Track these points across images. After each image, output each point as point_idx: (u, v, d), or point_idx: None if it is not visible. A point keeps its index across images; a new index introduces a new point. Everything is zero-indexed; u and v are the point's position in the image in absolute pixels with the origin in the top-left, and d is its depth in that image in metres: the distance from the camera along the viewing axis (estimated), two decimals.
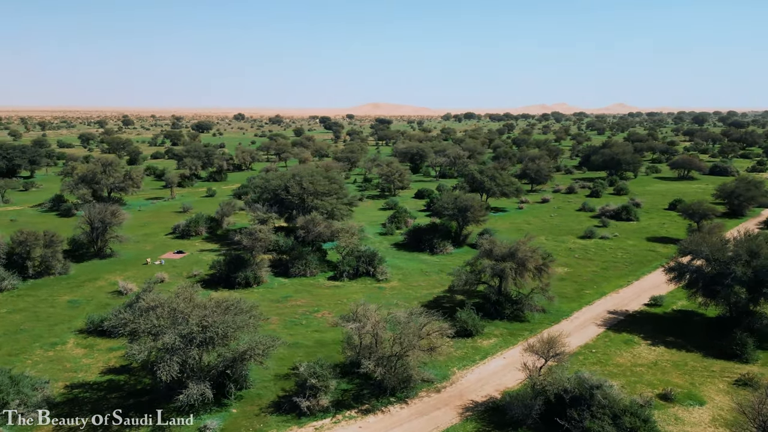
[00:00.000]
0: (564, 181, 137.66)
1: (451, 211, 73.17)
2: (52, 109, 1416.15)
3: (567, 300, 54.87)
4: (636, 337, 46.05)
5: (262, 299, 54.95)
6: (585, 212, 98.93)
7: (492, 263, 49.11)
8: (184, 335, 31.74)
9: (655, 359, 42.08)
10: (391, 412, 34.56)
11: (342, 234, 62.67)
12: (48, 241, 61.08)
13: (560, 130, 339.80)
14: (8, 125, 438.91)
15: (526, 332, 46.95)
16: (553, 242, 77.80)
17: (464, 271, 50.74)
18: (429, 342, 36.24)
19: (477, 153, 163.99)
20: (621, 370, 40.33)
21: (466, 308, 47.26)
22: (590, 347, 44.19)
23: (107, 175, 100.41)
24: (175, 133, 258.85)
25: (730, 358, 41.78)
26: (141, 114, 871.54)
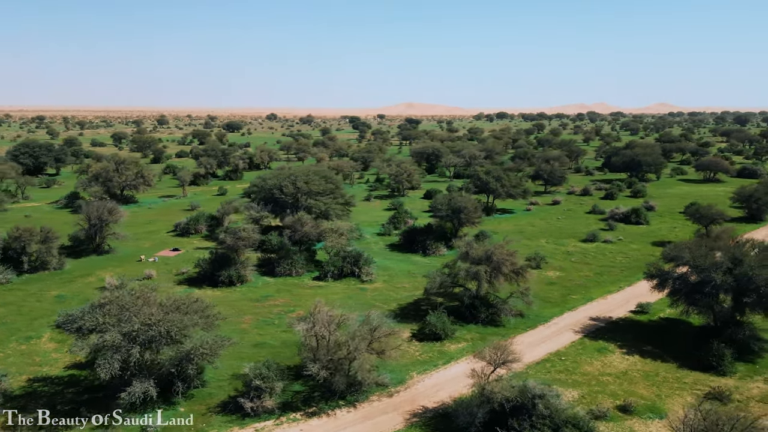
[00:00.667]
0: (582, 182, 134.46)
1: (444, 212, 72.25)
2: (96, 109, 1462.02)
3: (550, 305, 53.45)
4: (612, 345, 44.46)
5: (242, 298, 55.34)
6: (595, 215, 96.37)
7: (467, 266, 48.18)
8: (126, 333, 32.02)
9: (625, 369, 40.53)
10: (337, 415, 34.19)
11: (329, 234, 62.50)
12: (44, 237, 62.84)
13: (590, 130, 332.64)
14: (50, 124, 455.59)
15: (498, 337, 45.60)
16: (553, 245, 76.03)
17: (439, 273, 49.90)
18: (380, 345, 35.67)
19: (495, 153, 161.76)
20: (586, 379, 38.98)
21: (437, 311, 46.48)
22: (561, 354, 42.85)
23: (119, 174, 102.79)
24: (203, 132, 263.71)
25: (707, 370, 39.95)
26: (179, 114, 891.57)
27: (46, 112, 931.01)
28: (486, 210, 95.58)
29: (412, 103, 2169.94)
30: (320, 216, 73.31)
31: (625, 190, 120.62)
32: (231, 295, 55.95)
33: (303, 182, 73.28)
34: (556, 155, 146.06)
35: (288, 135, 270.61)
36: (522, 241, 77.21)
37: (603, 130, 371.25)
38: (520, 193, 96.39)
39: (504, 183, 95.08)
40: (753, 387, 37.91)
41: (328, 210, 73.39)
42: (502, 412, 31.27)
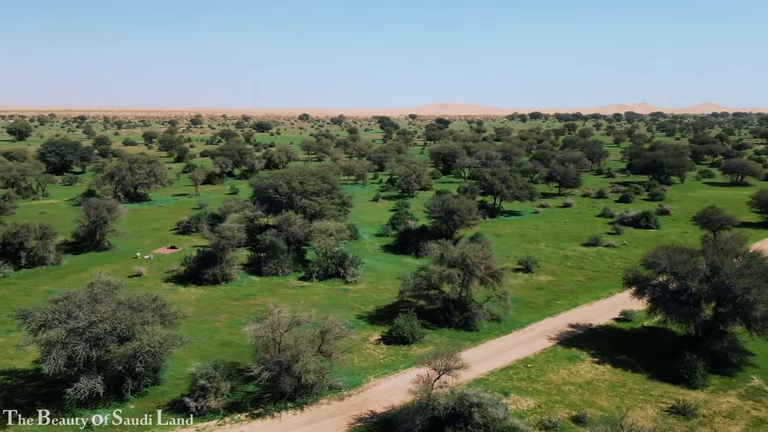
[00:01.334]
0: (601, 184, 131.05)
1: (438, 214, 71.33)
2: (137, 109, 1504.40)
3: (531, 310, 52.12)
4: (584, 353, 42.98)
5: (224, 296, 55.74)
6: (604, 218, 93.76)
7: (440, 269, 47.33)
8: (71, 330, 32.50)
9: (592, 378, 39.09)
10: (282, 418, 33.96)
11: (316, 234, 62.40)
12: (41, 233, 64.65)
13: (622, 131, 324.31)
14: (90, 124, 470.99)
15: (469, 342, 44.94)
16: (552, 249, 74.21)
17: (413, 275, 49.16)
18: (329, 348, 35.30)
19: (514, 154, 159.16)
20: (548, 387, 37.73)
21: (407, 314, 45.82)
22: (528, 362, 41.64)
23: (132, 173, 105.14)
24: (230, 132, 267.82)
25: (678, 382, 38.20)
26: (215, 114, 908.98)
27: (90, 112, 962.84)
28: (491, 212, 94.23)
29: (446, 103, 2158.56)
30: (315, 216, 73.31)
31: (643, 193, 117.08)
32: (213, 294, 56.44)
33: (298, 182, 73.40)
34: (575, 157, 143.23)
35: (314, 135, 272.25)
36: (521, 245, 76.05)
37: (637, 131, 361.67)
38: (526, 195, 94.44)
39: (510, 185, 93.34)
40: (723, 401, 36.03)
41: (322, 210, 73.28)
42: (441, 419, 30.52)
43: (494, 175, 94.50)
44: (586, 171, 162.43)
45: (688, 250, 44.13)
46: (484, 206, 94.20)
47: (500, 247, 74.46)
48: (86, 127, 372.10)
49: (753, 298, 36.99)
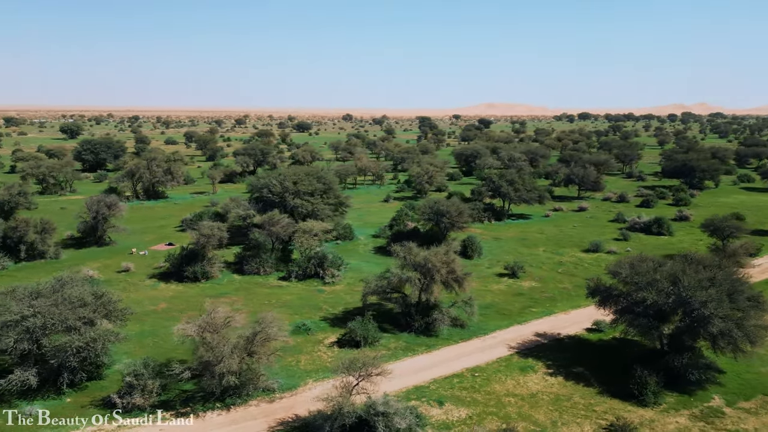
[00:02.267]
0: (629, 188, 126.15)
1: (427, 216, 70.19)
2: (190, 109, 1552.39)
3: (502, 317, 50.51)
4: (540, 364, 41.23)
5: (199, 294, 56.36)
6: (617, 223, 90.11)
7: (400, 272, 46.44)
8: (3, 323, 33.52)
9: (538, 390, 37.42)
10: (206, 417, 33.97)
11: (299, 234, 62.46)
12: (41, 228, 67.29)
13: (671, 132, 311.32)
14: (143, 123, 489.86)
15: (424, 347, 43.94)
16: (549, 254, 71.77)
17: (376, 278, 48.38)
18: (257, 349, 35.09)
19: (540, 156, 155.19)
20: (487, 398, 36.34)
21: (364, 318, 45.17)
22: (477, 370, 40.26)
23: (150, 171, 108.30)
24: (267, 132, 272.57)
25: (629, 398, 36.07)
26: (263, 114, 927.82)
27: (146, 112, 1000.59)
28: (497, 215, 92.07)
29: (494, 103, 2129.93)
30: (308, 216, 73.45)
31: (669, 198, 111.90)
32: (190, 291, 57.28)
33: (291, 182, 73.70)
34: (602, 159, 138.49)
35: (355, 135, 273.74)
36: (518, 249, 74.00)
37: (690, 132, 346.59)
38: (534, 197, 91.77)
39: (517, 187, 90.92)
40: (671, 422, 33.77)
41: (315, 210, 73.33)
42: (351, 427, 29.86)
43: (501, 177, 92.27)
44: (616, 174, 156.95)
45: (656, 259, 41.56)
46: (490, 209, 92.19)
47: (494, 251, 72.67)
48: (135, 126, 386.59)
49: (709, 312, 34.50)
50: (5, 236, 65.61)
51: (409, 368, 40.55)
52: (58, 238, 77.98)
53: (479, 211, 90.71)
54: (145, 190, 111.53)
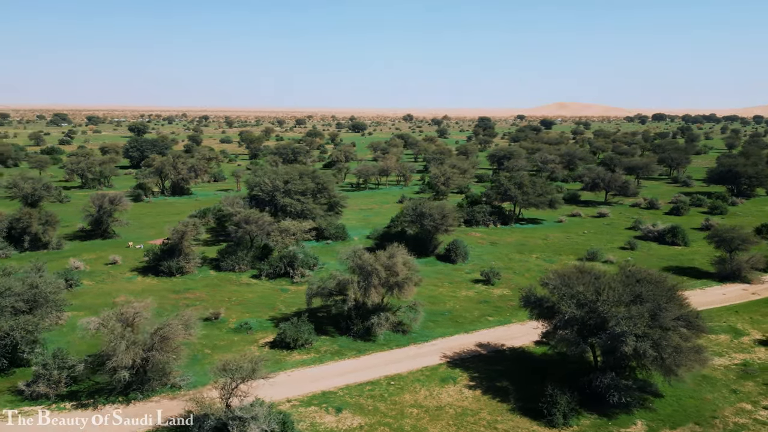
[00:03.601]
0: (667, 193, 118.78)
1: (410, 218, 68.74)
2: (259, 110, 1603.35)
3: (454, 324, 48.69)
4: (465, 375, 39.33)
5: (168, 288, 57.73)
6: (635, 231, 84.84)
7: (338, 275, 45.69)
8: None
9: (447, 403, 35.67)
10: (104, 410, 34.46)
11: (274, 233, 62.82)
12: (44, 219, 71.27)
13: (741, 135, 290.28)
14: (211, 122, 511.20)
15: (354, 352, 43.00)
16: (541, 261, 68.54)
17: (318, 280, 47.80)
18: (159, 345, 35.43)
19: (578, 158, 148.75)
20: (390, 408, 34.99)
21: (299, 320, 44.73)
22: (396, 378, 38.88)
23: (174, 168, 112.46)
24: (316, 131, 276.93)
25: (541, 417, 33.71)
26: (326, 114, 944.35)
27: (218, 112, 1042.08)
28: (504, 218, 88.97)
29: (565, 103, 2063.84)
30: (298, 215, 73.84)
31: (705, 205, 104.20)
32: (161, 285, 58.81)
33: (281, 181, 74.28)
34: (641, 163, 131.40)
35: (395, 135, 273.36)
36: (510, 255, 71.29)
37: None
38: (544, 202, 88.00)
39: (526, 190, 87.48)
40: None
41: (304, 210, 73.57)
42: (218, 429, 29.57)
43: (510, 180, 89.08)
44: (662, 179, 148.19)
45: (592, 272, 38.51)
46: (497, 212, 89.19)
47: (483, 256, 70.25)
48: (196, 125, 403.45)
49: (621, 329, 31.65)
50: (10, 227, 69.94)
51: (329, 372, 39.79)
52: (70, 230, 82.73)
53: (485, 214, 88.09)
54: (171, 187, 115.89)
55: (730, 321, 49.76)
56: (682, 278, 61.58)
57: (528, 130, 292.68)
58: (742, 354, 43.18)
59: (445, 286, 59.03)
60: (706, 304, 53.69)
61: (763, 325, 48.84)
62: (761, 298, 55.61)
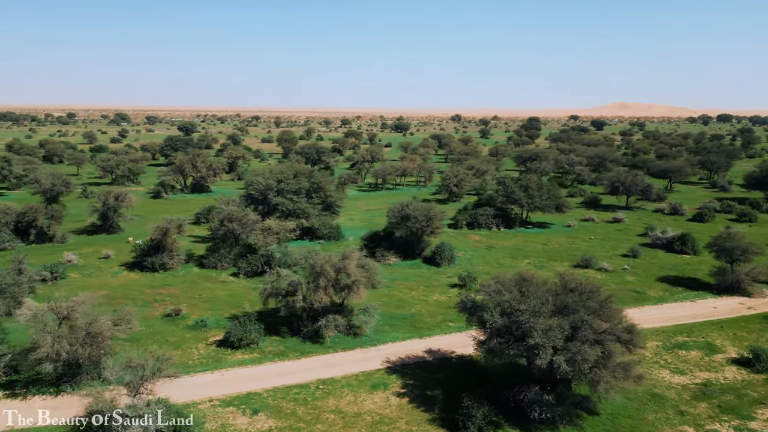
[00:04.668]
0: (701, 199, 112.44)
1: (395, 219, 67.69)
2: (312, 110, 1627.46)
3: (412, 329, 47.59)
4: (398, 382, 38.26)
5: (146, 283, 58.97)
6: (644, 238, 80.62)
7: (287, 274, 45.43)
8: None
9: (367, 410, 34.74)
10: (32, 401, 35.32)
11: (255, 232, 63.27)
12: (50, 214, 74.48)
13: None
14: (259, 122, 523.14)
15: (296, 353, 42.66)
16: (531, 267, 66.00)
17: (271, 280, 47.64)
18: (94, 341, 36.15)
19: (609, 160, 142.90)
20: (307, 413, 34.39)
21: (247, 319, 44.83)
22: (328, 382, 38.21)
23: (194, 167, 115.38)
24: (354, 131, 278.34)
25: (457, 429, 32.34)
26: (375, 115, 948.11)
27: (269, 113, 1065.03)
28: (507, 222, 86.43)
29: (627, 103, 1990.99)
30: (291, 215, 74.21)
31: (736, 212, 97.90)
32: (142, 280, 60.21)
33: (274, 180, 74.79)
34: (674, 166, 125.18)
35: (431, 136, 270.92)
36: (502, 260, 69.34)
37: None
38: (551, 206, 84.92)
39: (531, 193, 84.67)
40: None
41: (296, 209, 73.82)
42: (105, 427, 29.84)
43: (516, 182, 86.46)
44: (700, 183, 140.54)
45: (533, 280, 36.57)
46: (501, 215, 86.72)
47: (473, 260, 68.42)
48: (244, 125, 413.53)
49: (535, 341, 29.90)
50: (18, 220, 73.43)
51: (264, 373, 39.57)
52: (82, 225, 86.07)
53: (488, 217, 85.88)
54: (192, 184, 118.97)
55: (711, 336, 46.37)
56: (679, 288, 58.13)
57: (571, 131, 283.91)
58: (708, 373, 40.10)
59: (419, 290, 57.82)
60: (690, 318, 50.41)
61: (746, 342, 45.23)
62: (755, 314, 51.57)
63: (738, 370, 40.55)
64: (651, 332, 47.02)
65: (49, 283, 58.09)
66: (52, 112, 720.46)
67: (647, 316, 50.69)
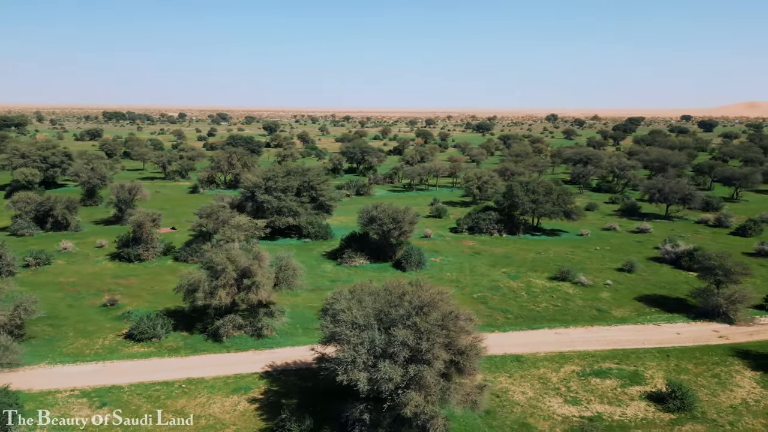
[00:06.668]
0: (752, 211, 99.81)
1: (363, 222, 66.03)
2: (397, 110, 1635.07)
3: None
4: (263, 388, 37.37)
5: (113, 273, 61.99)
6: (660, 251, 72.72)
7: (195, 273, 45.69)
8: None
9: (210, 414, 34.22)
10: None
11: (223, 228, 64.50)
12: (66, 204, 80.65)
13: None
14: (343, 123, 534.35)
15: (189, 351, 42.95)
16: (505, 277, 61.87)
17: (185, 276, 48.05)
18: None
19: (671, 165, 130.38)
20: (149, 411, 34.37)
21: (156, 314, 45.76)
22: (196, 382, 38.05)
23: (229, 164, 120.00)
24: (425, 131, 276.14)
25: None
26: (465, 114, 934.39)
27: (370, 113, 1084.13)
28: (511, 227, 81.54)
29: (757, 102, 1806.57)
30: (277, 213, 74.96)
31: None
32: (113, 269, 63.24)
33: (263, 178, 75.82)
34: (739, 173, 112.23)
35: (501, 137, 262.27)
36: (478, 268, 66.05)
37: None
38: (557, 212, 78.98)
39: (537, 199, 79.21)
40: None
41: (282, 207, 74.39)
42: None
43: (522, 187, 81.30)
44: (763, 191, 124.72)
45: (396, 290, 33.95)
46: (506, 220, 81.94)
47: (446, 267, 65.35)
48: (323, 125, 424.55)
49: (339, 356, 27.75)
50: (37, 209, 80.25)
51: (145, 368, 40.14)
52: (106, 215, 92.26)
53: (491, 222, 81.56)
54: (231, 180, 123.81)
55: (646, 366, 40.79)
56: (653, 309, 51.84)
57: (656, 133, 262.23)
58: (608, 406, 35.28)
59: None
60: (639, 343, 44.75)
61: (687, 375, 39.31)
62: (723, 344, 44.68)
63: (646, 407, 35.31)
64: (578, 355, 42.39)
65: (32, 269, 62.81)
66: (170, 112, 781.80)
67: (589, 338, 45.71)
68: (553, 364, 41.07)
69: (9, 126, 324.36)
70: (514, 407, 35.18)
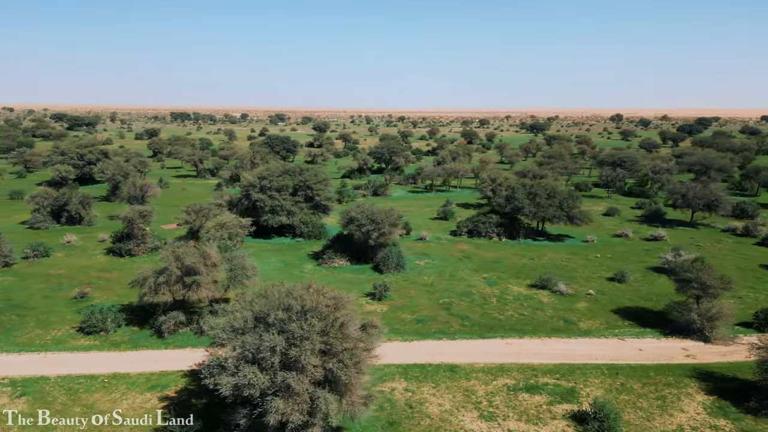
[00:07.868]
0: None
1: (344, 223, 65.22)
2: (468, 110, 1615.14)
3: None
4: (180, 386, 37.56)
5: (101, 266, 64.17)
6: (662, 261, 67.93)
7: (145, 271, 46.51)
8: None
9: (116, 410, 34.51)
10: None
11: (206, 225, 65.59)
12: (80, 199, 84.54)
13: None
14: (396, 124, 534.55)
15: (129, 346, 43.78)
16: (483, 283, 59.51)
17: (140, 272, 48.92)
18: None
19: (715, 168, 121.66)
20: (63, 404, 35.19)
21: (108, 309, 46.92)
22: (121, 377, 38.70)
23: (252, 163, 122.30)
24: (471, 132, 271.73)
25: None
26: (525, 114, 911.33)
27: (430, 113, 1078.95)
28: (511, 231, 78.51)
29: None
30: (270, 211, 75.56)
31: None
32: (103, 263, 65.54)
33: (257, 177, 76.56)
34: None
35: (547, 137, 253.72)
36: (460, 272, 64.12)
37: None
38: (559, 216, 75.32)
39: (539, 202, 75.87)
40: None
41: (274, 207, 74.87)
42: None
43: (524, 189, 78.10)
44: None
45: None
46: (507, 224, 78.94)
47: (427, 270, 63.74)
48: (375, 125, 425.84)
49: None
50: (53, 205, 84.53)
51: (82, 361, 41.24)
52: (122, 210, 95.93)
53: (490, 225, 78.88)
54: None
55: (588, 383, 37.97)
56: (626, 323, 48.40)
57: (719, 134, 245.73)
58: (525, 424, 33.04)
59: None
60: (591, 358, 41.86)
61: (628, 395, 36.30)
62: (685, 363, 41.01)
63: (565, 427, 32.80)
64: (519, 368, 40.06)
65: (30, 260, 66.05)
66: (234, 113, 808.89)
67: (539, 350, 43.15)
68: (487, 376, 38.96)
69: (81, 126, 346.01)
70: (423, 419, 33.56)
